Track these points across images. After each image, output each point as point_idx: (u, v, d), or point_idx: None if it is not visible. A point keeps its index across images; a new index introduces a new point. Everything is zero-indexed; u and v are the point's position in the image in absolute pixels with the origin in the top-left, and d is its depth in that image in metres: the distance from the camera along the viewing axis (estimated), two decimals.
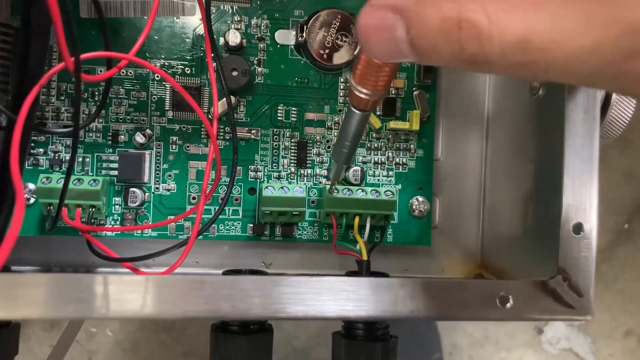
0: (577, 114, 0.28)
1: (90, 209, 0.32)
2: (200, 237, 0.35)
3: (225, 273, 0.33)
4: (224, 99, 0.34)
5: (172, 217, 0.33)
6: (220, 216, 0.35)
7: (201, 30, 0.35)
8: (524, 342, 0.77)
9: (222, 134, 0.35)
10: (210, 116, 0.35)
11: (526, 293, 0.27)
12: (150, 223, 0.34)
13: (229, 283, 0.25)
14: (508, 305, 0.27)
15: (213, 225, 0.35)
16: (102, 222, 0.34)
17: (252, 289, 0.25)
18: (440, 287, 0.26)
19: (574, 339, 0.79)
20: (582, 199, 0.27)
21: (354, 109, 0.27)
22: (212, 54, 0.30)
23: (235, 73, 0.34)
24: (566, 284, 0.27)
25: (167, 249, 0.30)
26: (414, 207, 0.36)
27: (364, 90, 0.25)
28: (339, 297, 0.26)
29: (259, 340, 0.29)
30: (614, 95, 0.31)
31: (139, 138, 0.34)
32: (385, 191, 0.34)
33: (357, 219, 0.34)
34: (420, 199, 0.37)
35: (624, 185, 0.79)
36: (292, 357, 0.77)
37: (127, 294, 0.24)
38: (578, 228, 0.27)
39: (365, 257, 0.32)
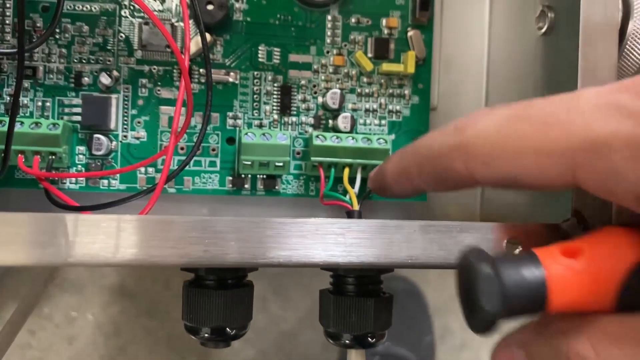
0: (592, 51, 0.25)
1: (50, 157, 0.29)
2: (174, 190, 0.32)
3: None
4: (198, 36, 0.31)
5: (141, 162, 0.30)
6: (196, 168, 0.32)
7: None
8: (523, 323, 0.75)
9: (196, 76, 0.32)
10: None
11: (536, 237, 0.24)
12: (117, 169, 0.30)
13: (201, 224, 0.22)
14: (516, 251, 0.24)
15: (188, 178, 0.32)
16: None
17: (228, 232, 0.22)
18: (439, 230, 0.23)
19: None
20: None
21: None
22: None
23: (210, 7, 0.31)
24: (581, 227, 0.24)
25: (132, 195, 0.27)
26: None
27: None
28: (327, 240, 0.23)
29: (238, 296, 0.26)
30: (630, 26, 0.28)
31: (104, 79, 0.31)
32: (378, 139, 0.31)
33: (346, 170, 0.31)
34: None
35: None
36: (280, 340, 0.74)
37: (81, 236, 0.21)
38: None
39: (356, 207, 0.29)
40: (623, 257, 0.19)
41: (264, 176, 0.32)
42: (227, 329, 0.26)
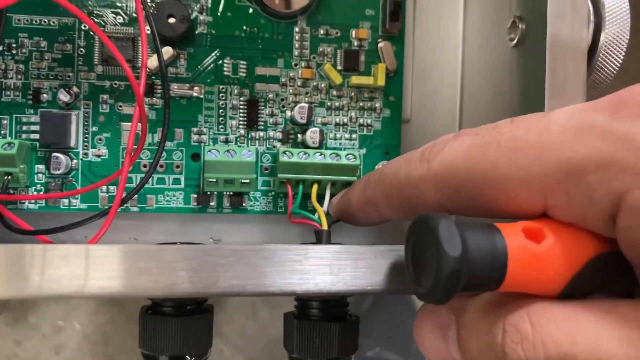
0: (560, 67, 0.24)
1: (6, 177, 0.28)
2: (137, 209, 0.31)
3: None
4: (164, 49, 0.30)
5: (100, 182, 0.29)
6: (159, 186, 0.31)
7: None
8: None
9: (159, 90, 0.31)
10: (148, 70, 0.30)
11: None
12: (76, 189, 0.29)
13: (149, 253, 0.21)
14: None
15: (151, 196, 0.31)
16: (23, 193, 0.30)
17: (178, 261, 0.21)
18: (400, 255, 0.22)
19: None
20: None
21: None
22: None
23: (172, 20, 0.30)
24: None
25: (85, 219, 0.26)
26: None
27: None
28: (283, 268, 0.22)
29: (196, 323, 0.25)
30: (601, 37, 0.27)
31: (63, 96, 0.30)
32: (347, 154, 0.30)
33: (315, 187, 0.30)
34: None
35: None
36: (269, 346, 0.73)
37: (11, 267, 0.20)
38: None
39: (325, 227, 0.28)
40: (582, 251, 0.18)
41: (231, 193, 0.31)
42: (187, 356, 0.25)
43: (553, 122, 0.18)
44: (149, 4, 0.30)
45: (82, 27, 0.30)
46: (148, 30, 0.28)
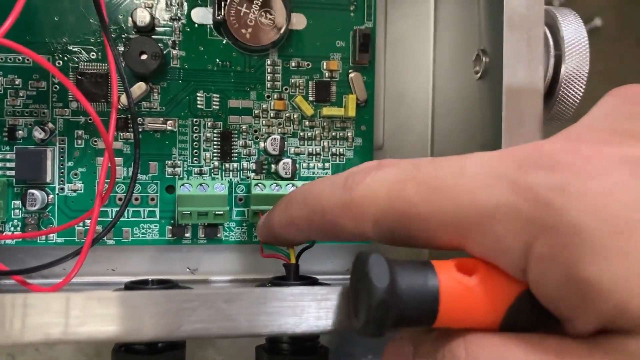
0: (516, 105, 0.25)
1: None
2: (113, 242, 0.31)
3: (131, 284, 0.29)
4: (136, 84, 0.31)
5: (74, 221, 0.29)
6: (135, 218, 0.31)
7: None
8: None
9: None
10: (120, 106, 0.31)
11: None
12: (52, 228, 0.30)
13: (114, 300, 0.21)
14: None
15: (127, 229, 0.31)
16: (0, 228, 0.30)
17: (143, 306, 0.21)
18: None
19: None
20: None
21: None
22: (106, 34, 0.26)
23: (144, 56, 0.30)
24: None
25: (60, 259, 0.26)
26: None
27: None
28: (247, 310, 0.22)
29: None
30: (562, 70, 0.28)
31: (38, 133, 0.30)
32: None
33: None
34: None
35: None
36: None
37: None
38: None
39: (293, 261, 0.29)
40: (514, 283, 0.18)
41: (205, 224, 0.32)
42: None
43: (467, 167, 0.19)
44: (122, 40, 0.31)
45: (56, 64, 0.31)
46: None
